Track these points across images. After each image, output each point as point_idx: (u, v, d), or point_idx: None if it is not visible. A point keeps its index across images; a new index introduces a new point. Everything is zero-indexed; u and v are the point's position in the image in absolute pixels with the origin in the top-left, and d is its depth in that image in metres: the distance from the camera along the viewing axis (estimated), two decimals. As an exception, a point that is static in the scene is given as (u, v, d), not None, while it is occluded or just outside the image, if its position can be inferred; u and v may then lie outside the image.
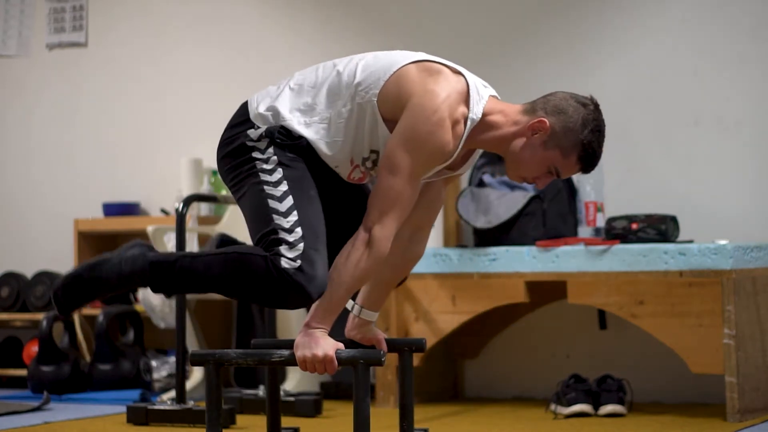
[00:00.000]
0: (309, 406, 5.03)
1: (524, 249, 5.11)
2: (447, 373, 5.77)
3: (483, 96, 3.19)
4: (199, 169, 6.39)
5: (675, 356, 5.01)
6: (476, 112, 3.16)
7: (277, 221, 3.11)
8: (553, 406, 5.06)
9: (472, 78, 3.20)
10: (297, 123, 3.20)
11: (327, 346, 3.11)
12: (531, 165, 3.21)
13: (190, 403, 4.92)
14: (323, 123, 3.19)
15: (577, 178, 5.30)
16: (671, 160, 5.51)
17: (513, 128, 3.20)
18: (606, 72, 5.62)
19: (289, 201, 3.14)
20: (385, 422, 4.57)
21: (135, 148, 6.70)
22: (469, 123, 3.15)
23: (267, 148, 3.20)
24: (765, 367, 4.90)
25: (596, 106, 3.21)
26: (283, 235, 3.09)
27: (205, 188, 6.32)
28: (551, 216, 5.27)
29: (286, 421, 4.26)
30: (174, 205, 6.31)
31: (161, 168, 6.59)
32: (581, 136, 3.16)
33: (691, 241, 5.02)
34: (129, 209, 6.51)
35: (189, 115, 6.58)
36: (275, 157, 3.19)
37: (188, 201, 4.96)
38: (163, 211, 6.38)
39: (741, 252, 4.79)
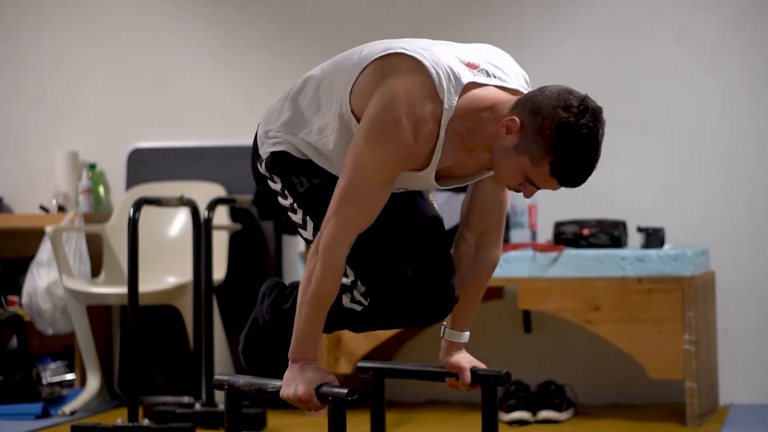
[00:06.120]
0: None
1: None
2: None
3: (462, 81, 2.74)
4: (75, 162, 5.99)
5: (631, 361, 5.01)
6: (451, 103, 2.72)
7: None
8: (496, 412, 5.01)
9: (444, 61, 2.74)
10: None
11: (307, 381, 2.79)
12: (504, 171, 2.76)
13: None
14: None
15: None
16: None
17: (496, 126, 2.74)
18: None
19: None
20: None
21: (1, 138, 6.22)
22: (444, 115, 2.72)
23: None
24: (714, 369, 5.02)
25: (584, 110, 2.67)
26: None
27: (84, 183, 5.92)
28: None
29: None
30: (52, 201, 5.91)
31: (31, 161, 6.14)
32: (552, 144, 2.66)
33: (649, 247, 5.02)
34: (-7, 204, 6.07)
35: (64, 104, 6.14)
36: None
37: (138, 205, 4.66)
38: (43, 207, 5.93)
39: (697, 257, 4.87)
